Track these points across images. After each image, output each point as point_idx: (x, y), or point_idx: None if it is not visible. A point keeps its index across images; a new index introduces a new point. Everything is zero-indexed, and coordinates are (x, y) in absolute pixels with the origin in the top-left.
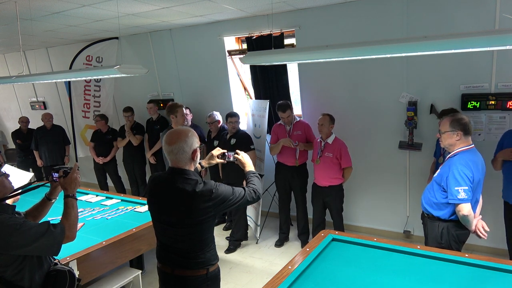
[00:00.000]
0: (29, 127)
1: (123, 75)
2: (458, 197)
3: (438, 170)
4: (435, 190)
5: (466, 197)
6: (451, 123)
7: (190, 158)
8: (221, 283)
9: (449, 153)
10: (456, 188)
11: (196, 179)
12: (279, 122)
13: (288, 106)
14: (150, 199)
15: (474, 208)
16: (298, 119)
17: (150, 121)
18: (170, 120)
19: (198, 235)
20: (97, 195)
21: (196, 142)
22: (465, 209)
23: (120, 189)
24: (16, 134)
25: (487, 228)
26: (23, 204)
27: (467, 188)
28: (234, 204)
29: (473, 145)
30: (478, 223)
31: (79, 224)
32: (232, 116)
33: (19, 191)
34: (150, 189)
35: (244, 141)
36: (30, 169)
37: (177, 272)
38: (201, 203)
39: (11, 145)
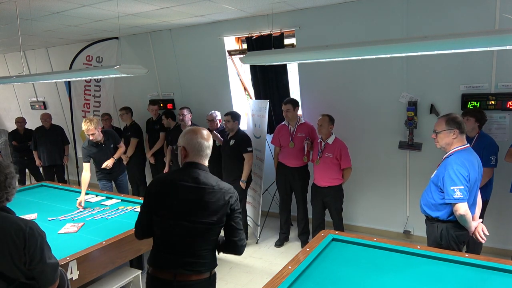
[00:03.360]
0: (28, 127)
1: (123, 75)
2: (454, 196)
3: (435, 171)
4: (432, 191)
5: (462, 196)
6: (446, 122)
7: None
8: (221, 283)
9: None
10: (452, 188)
11: (215, 176)
12: (283, 123)
13: (290, 101)
14: (162, 200)
15: (472, 209)
16: (303, 120)
17: (150, 121)
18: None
19: (211, 235)
20: (97, 195)
21: None
22: (461, 208)
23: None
24: (12, 135)
25: (486, 233)
26: (23, 204)
27: (463, 187)
28: (238, 217)
29: (468, 145)
30: (478, 227)
31: (79, 224)
32: (225, 115)
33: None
34: (162, 190)
35: (241, 143)
36: (27, 170)
37: (179, 277)
38: (222, 200)
39: None
